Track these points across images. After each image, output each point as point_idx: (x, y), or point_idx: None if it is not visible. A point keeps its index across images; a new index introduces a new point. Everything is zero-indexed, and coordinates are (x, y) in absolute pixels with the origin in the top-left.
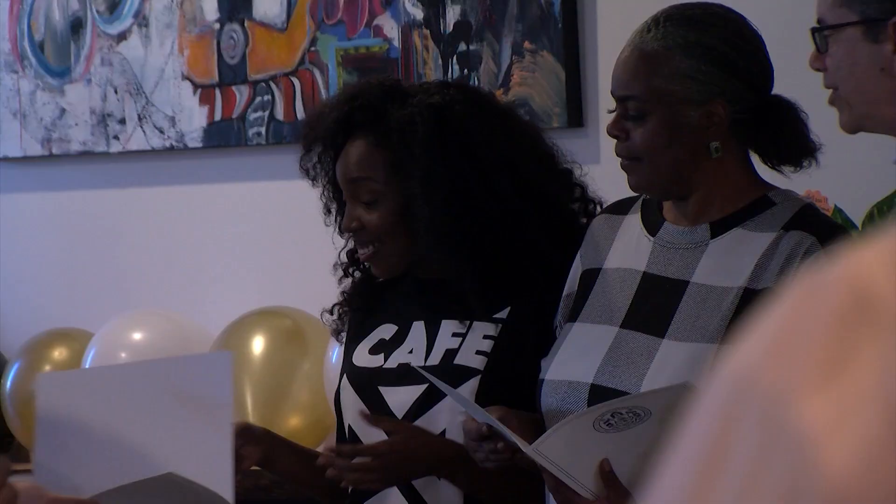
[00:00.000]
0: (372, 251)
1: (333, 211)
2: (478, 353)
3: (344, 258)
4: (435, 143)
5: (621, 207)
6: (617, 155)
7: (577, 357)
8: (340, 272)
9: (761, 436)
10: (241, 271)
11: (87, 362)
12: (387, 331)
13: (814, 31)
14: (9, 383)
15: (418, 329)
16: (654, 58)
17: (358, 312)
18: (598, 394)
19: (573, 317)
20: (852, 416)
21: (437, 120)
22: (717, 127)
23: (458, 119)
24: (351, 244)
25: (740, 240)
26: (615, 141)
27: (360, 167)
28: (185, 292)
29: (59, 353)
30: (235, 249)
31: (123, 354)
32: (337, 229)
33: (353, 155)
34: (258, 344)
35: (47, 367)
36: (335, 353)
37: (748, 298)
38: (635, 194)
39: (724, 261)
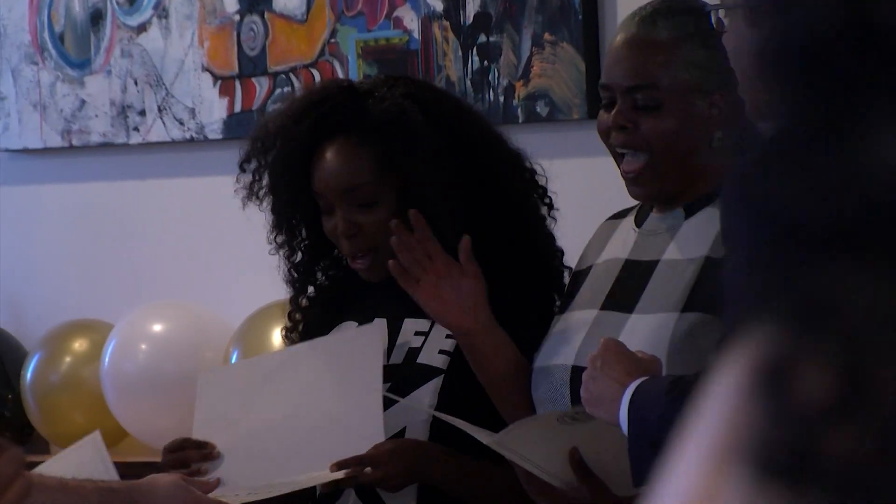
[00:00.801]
0: (370, 256)
1: (286, 225)
2: (441, 352)
3: (294, 273)
4: (428, 127)
5: (623, 212)
6: (617, 146)
7: (560, 342)
8: (292, 288)
9: None
10: (261, 263)
11: (108, 354)
12: (347, 328)
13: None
14: (29, 375)
15: (379, 326)
16: (669, 46)
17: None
18: (579, 374)
19: (562, 311)
20: None
21: (420, 106)
22: (718, 118)
23: (432, 104)
24: (292, 258)
25: (710, 216)
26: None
27: (352, 174)
28: (205, 284)
29: (79, 345)
30: (255, 241)
31: (143, 346)
32: (294, 245)
33: (338, 162)
34: (277, 336)
35: (67, 359)
36: None
37: (709, 266)
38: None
39: (693, 236)
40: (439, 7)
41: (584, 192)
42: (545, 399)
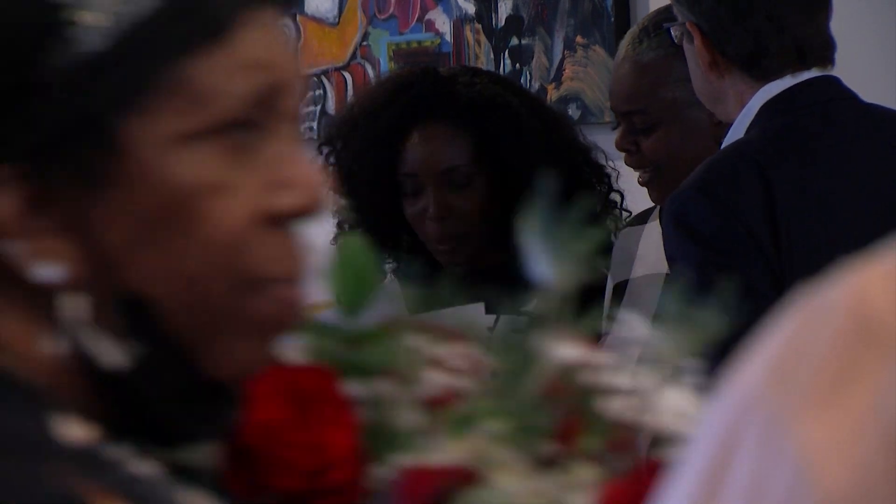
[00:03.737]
0: (455, 242)
1: (362, 209)
2: None
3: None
4: (522, 111)
5: (641, 218)
6: (629, 166)
7: None
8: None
9: (761, 457)
10: None
11: None
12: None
13: (667, 30)
14: None
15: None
16: (654, 67)
17: None
18: None
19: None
20: (849, 440)
21: (510, 91)
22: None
23: (517, 91)
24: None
25: None
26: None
27: (451, 155)
28: None
29: None
30: None
31: None
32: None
33: (436, 144)
34: None
35: None
36: None
37: None
38: (654, 204)
39: None
40: (471, 10)
41: None
42: None
